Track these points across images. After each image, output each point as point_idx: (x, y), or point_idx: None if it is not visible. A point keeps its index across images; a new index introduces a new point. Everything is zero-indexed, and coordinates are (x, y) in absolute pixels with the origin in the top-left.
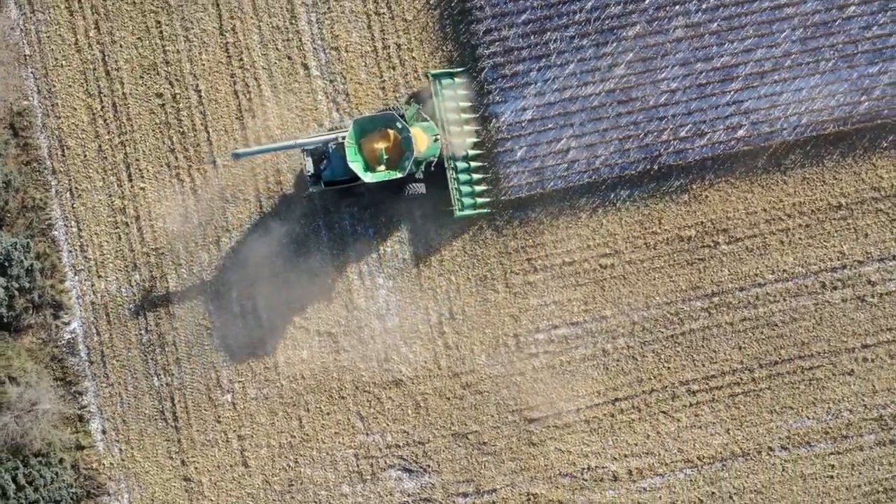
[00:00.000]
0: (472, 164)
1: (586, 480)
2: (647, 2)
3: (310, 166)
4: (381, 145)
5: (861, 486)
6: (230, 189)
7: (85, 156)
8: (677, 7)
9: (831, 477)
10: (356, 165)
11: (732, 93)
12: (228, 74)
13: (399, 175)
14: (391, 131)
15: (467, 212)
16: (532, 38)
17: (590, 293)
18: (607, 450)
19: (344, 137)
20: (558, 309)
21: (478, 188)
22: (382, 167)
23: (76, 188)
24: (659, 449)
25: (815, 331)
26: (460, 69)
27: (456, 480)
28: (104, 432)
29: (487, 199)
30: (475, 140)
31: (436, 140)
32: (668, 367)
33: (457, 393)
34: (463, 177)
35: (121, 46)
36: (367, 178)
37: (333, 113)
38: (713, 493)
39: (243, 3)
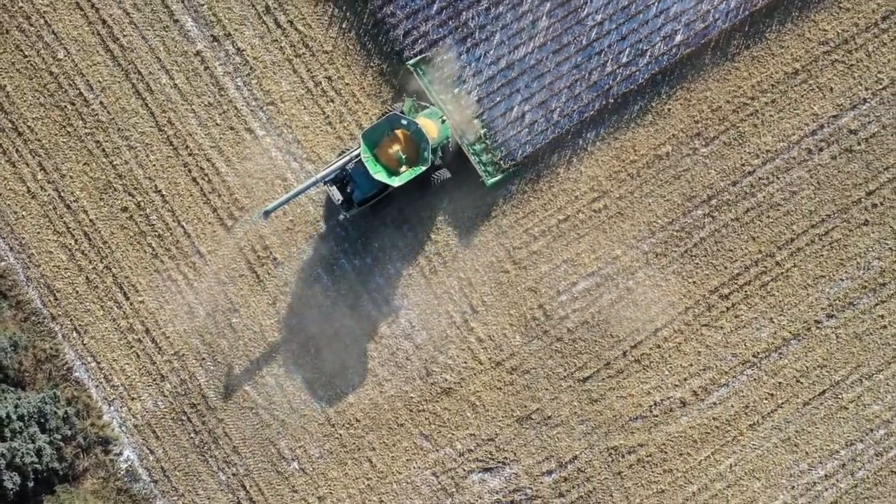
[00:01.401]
0: (483, 130)
1: (657, 416)
2: None
3: (337, 194)
4: (395, 148)
5: None
6: (223, 271)
7: (77, 292)
8: None
9: (884, 326)
10: (381, 175)
11: (656, 4)
12: (181, 165)
13: (423, 168)
14: (399, 131)
15: (497, 177)
16: (450, 23)
17: (594, 240)
18: (666, 380)
19: (358, 156)
20: (571, 266)
21: (497, 152)
22: (404, 167)
23: (80, 325)
24: (714, 361)
25: (818, 196)
26: (432, 48)
27: (536, 462)
28: None
29: (511, 161)
30: (477, 107)
31: (443, 122)
32: (694, 282)
33: (505, 380)
34: (479, 146)
35: (71, 178)
36: (396, 182)
37: (292, 163)
38: (780, 382)
39: (170, 94)
